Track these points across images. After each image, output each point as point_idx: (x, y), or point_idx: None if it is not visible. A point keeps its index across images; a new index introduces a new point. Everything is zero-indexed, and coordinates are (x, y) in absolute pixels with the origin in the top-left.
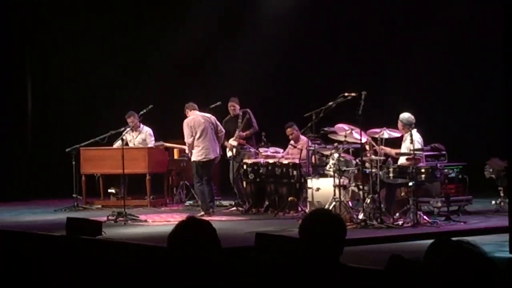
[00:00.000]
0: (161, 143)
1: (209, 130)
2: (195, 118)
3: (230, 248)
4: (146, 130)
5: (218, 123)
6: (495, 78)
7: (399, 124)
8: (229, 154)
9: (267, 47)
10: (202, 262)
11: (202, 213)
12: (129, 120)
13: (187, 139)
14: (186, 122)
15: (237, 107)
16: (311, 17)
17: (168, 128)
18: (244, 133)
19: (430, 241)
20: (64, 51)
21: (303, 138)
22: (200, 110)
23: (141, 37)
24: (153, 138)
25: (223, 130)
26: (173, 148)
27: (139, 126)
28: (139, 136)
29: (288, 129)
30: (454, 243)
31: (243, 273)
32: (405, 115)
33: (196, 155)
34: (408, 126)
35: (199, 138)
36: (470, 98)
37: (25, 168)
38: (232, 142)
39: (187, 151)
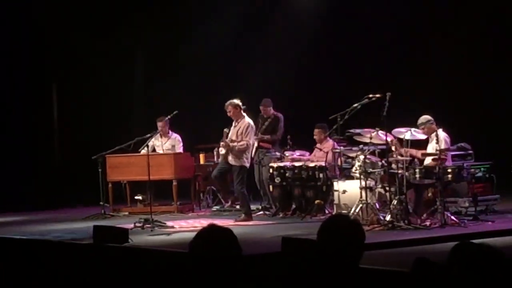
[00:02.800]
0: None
1: None
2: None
3: (256, 255)
4: (175, 137)
5: None
6: None
7: (421, 129)
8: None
9: (292, 49)
10: (222, 269)
11: (244, 216)
12: (159, 124)
13: (251, 142)
14: (252, 125)
15: (268, 109)
16: (334, 18)
17: (197, 132)
18: (265, 136)
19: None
20: (88, 58)
21: (329, 141)
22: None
23: (166, 42)
24: (181, 145)
25: None
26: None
27: (168, 132)
28: (168, 142)
29: (315, 130)
30: (476, 246)
31: (267, 279)
32: (421, 118)
33: (249, 160)
34: (430, 124)
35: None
36: (495, 96)
37: (52, 177)
38: (254, 141)
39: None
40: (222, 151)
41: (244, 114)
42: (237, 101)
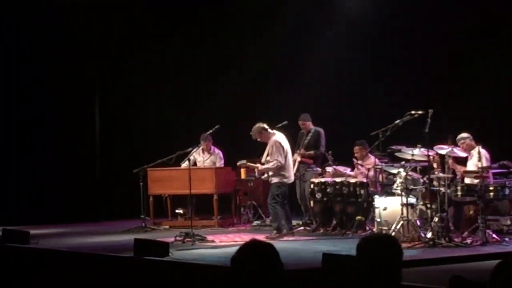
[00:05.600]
0: (243, 162)
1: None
2: (283, 137)
3: (296, 270)
4: (218, 153)
5: None
6: None
7: (461, 144)
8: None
9: (334, 67)
10: (265, 284)
11: (275, 232)
12: (203, 143)
13: (282, 159)
14: (279, 142)
15: (307, 123)
16: (376, 33)
17: (238, 147)
18: (307, 152)
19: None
20: (131, 72)
21: (370, 157)
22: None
23: (208, 57)
24: (222, 162)
25: None
26: (253, 167)
27: (211, 149)
28: (210, 159)
29: (355, 148)
30: None
31: None
32: (460, 134)
33: (290, 177)
34: (469, 140)
35: (286, 158)
36: None
37: (94, 190)
38: (296, 156)
39: (268, 173)
40: (265, 175)
41: (271, 131)
42: (261, 125)
